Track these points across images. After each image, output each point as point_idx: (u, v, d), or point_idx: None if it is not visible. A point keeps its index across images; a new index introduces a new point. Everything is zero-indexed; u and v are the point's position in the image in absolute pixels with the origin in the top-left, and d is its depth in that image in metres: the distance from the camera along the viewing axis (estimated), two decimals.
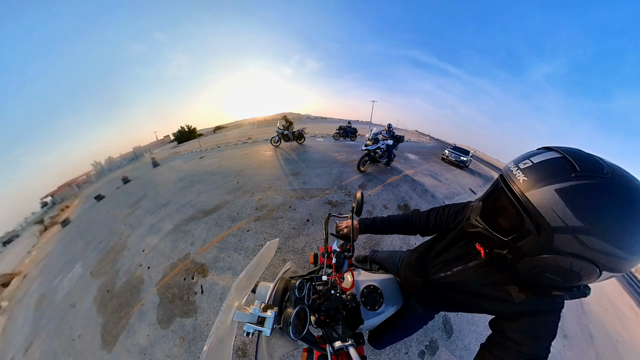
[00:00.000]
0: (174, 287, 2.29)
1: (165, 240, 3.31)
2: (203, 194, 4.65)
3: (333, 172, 4.97)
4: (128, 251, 3.75)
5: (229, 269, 2.15)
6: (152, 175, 11.75)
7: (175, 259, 2.73)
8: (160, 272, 2.66)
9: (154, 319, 2.12)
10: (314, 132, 14.99)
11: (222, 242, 2.59)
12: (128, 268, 3.24)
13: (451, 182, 7.09)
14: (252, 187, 4.21)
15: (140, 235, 4.07)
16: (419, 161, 9.29)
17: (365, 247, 2.47)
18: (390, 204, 3.76)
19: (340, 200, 3.47)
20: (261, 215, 3.01)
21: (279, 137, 8.72)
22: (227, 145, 13.78)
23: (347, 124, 12.24)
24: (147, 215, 4.97)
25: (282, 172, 5.07)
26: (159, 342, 1.90)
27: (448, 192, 5.80)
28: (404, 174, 6.16)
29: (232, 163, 7.06)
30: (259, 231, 2.64)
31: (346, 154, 7.52)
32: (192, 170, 8.09)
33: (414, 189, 4.96)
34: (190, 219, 3.58)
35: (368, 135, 5.50)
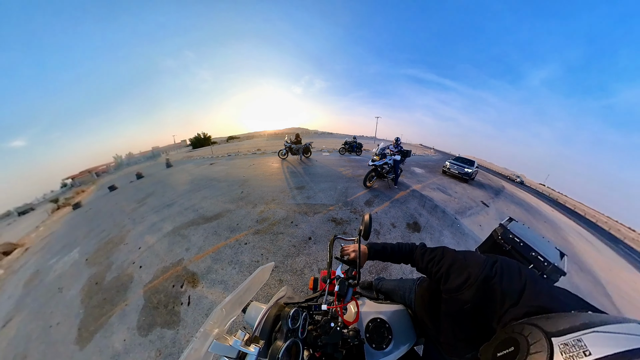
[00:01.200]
0: (161, 293, 2.27)
1: (162, 242, 3.36)
2: (207, 199, 4.78)
3: (338, 188, 4.94)
4: (125, 246, 3.81)
5: (220, 282, 2.12)
6: (164, 175, 12.31)
7: (169, 262, 2.74)
8: (151, 274, 2.66)
9: (135, 323, 2.07)
10: (320, 147, 15.38)
11: (217, 253, 2.59)
12: (121, 263, 3.26)
13: (461, 196, 6.74)
14: (256, 198, 4.28)
15: (140, 231, 4.16)
16: (426, 175, 9.01)
17: (372, 272, 2.26)
18: (398, 222, 3.52)
19: (345, 218, 3.35)
20: (261, 229, 2.98)
21: (286, 150, 9.04)
22: (237, 154, 14.46)
23: (353, 139, 12.45)
24: (151, 213, 5.11)
25: (286, 185, 5.14)
26: (134, 350, 1.83)
27: (459, 206, 5.40)
28: (412, 188, 5.99)
29: (239, 172, 7.34)
30: (257, 246, 2.60)
31: (352, 168, 7.57)
32: (201, 175, 8.44)
33: (423, 205, 4.73)
34: (191, 224, 3.66)
35: (375, 150, 5.31)
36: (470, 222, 4.51)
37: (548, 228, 7.37)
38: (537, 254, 0.95)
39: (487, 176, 19.02)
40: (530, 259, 0.95)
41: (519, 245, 1.02)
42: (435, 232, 3.49)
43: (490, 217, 5.46)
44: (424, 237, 3.25)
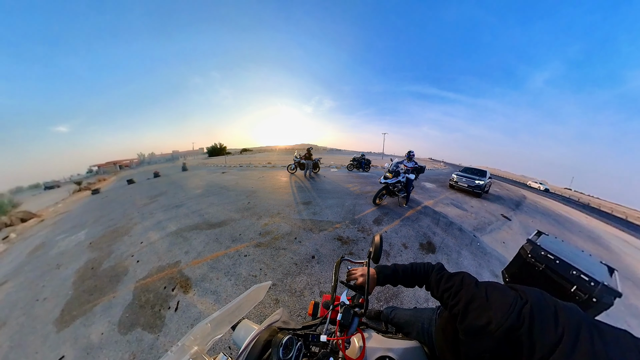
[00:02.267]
0: (151, 292, 2.28)
1: (164, 241, 3.47)
2: (214, 206, 4.97)
3: (346, 204, 4.78)
4: (129, 238, 3.94)
5: (213, 293, 2.10)
6: (178, 177, 13.12)
7: (165, 262, 2.79)
8: (146, 271, 2.70)
9: (117, 318, 2.05)
10: (328, 163, 15.64)
11: (215, 261, 2.61)
12: (120, 254, 3.34)
13: (478, 210, 6.21)
14: (261, 210, 4.34)
15: (145, 227, 4.32)
16: (437, 189, 8.45)
17: (379, 299, 2.01)
18: (410, 242, 3.24)
19: (352, 237, 3.18)
20: (263, 242, 2.93)
21: (295, 165, 9.38)
22: (249, 166, 15.30)
23: (361, 156, 12.62)
24: (159, 210, 5.36)
25: (293, 199, 5.17)
26: (109, 347, 1.79)
27: (477, 222, 4.93)
28: (423, 205, 5.61)
29: (248, 183, 7.64)
30: (257, 259, 2.56)
31: (360, 185, 7.48)
32: (212, 182, 8.90)
33: (437, 222, 4.37)
34: (194, 227, 3.78)
35: (387, 166, 5.01)
36: (491, 240, 4.06)
37: (585, 239, 6.32)
38: (578, 272, 0.78)
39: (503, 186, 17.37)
40: (571, 279, 0.78)
41: (555, 263, 0.85)
42: (453, 253, 3.16)
43: (514, 232, 4.90)
44: (440, 258, 2.97)
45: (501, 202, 8.47)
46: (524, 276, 0.94)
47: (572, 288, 0.76)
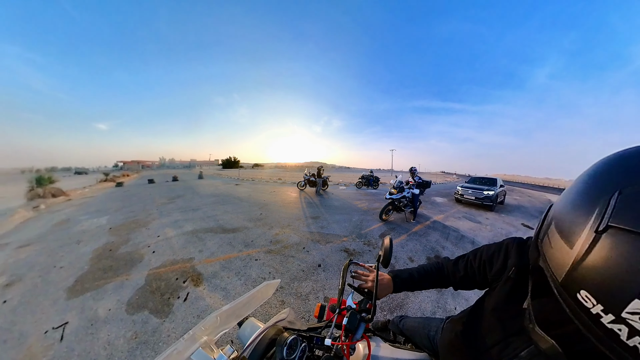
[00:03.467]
0: (163, 281, 2.37)
1: (180, 238, 3.66)
2: (228, 213, 5.21)
3: (353, 220, 4.83)
4: (146, 230, 4.18)
5: (222, 289, 2.15)
6: (195, 183, 13.98)
7: (180, 257, 2.93)
8: (160, 262, 2.84)
9: (127, 298, 2.13)
10: (337, 181, 15.58)
11: (227, 262, 2.70)
12: (138, 242, 3.54)
13: (494, 222, 5.68)
14: (272, 221, 4.50)
15: (163, 223, 4.59)
16: (449, 204, 7.80)
17: (384, 309, 2.00)
18: (417, 255, 3.18)
19: (358, 250, 3.21)
20: (273, 249, 3.06)
21: (305, 182, 9.70)
22: (260, 180, 15.90)
23: (370, 173, 12.52)
24: (176, 211, 5.70)
25: (302, 213, 5.28)
26: (113, 323, 1.84)
27: (493, 234, 4.59)
28: (433, 219, 5.39)
29: (261, 196, 7.94)
30: (267, 264, 2.65)
31: (368, 202, 7.35)
32: (226, 192, 9.38)
33: (447, 237, 4.15)
34: (209, 230, 3.97)
35: (392, 182, 5.15)
36: None
37: None
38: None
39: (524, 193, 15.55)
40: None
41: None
42: None
43: None
44: None
45: (522, 211, 7.70)
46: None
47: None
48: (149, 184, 14.68)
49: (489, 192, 7.09)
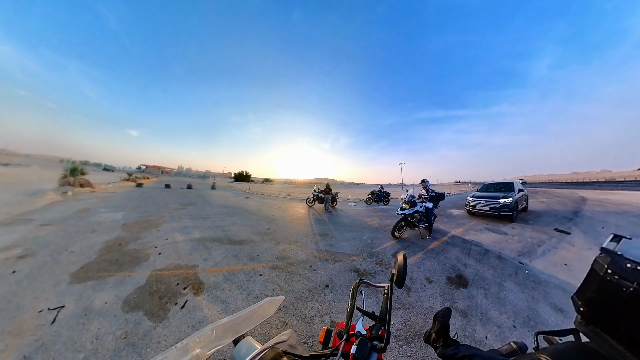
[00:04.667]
0: (164, 284, 2.29)
1: (187, 243, 3.65)
2: (236, 225, 5.17)
3: (363, 238, 4.47)
4: (157, 231, 4.24)
5: (222, 302, 2.01)
6: (207, 193, 14.43)
7: (184, 262, 2.87)
8: (164, 264, 2.79)
9: (125, 295, 2.05)
10: (346, 197, 14.78)
11: (231, 274, 2.58)
12: (146, 242, 3.56)
13: (522, 230, 5.09)
14: (280, 237, 4.35)
15: (172, 227, 4.66)
16: (467, 215, 6.83)
17: (399, 337, 1.68)
18: (435, 276, 2.79)
19: (369, 270, 2.89)
20: (279, 266, 2.91)
21: (314, 198, 9.52)
22: (270, 195, 15.87)
23: (379, 189, 11.90)
24: (187, 217, 5.80)
25: (310, 230, 5.05)
26: (106, 317, 1.75)
27: (522, 245, 4.04)
28: (450, 234, 4.89)
29: (269, 211, 7.84)
30: (271, 280, 2.50)
31: (379, 218, 6.79)
32: (236, 204, 9.46)
33: (468, 252, 3.69)
34: (216, 240, 3.93)
35: (403, 197, 4.80)
36: (546, 264, 3.24)
37: None
38: None
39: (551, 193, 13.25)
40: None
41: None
42: (492, 286, 2.54)
43: (579, 248, 3.91)
44: (474, 293, 2.31)
45: (552, 214, 6.71)
46: (607, 302, 0.65)
47: None
48: (165, 189, 15.43)
49: (505, 199, 6.01)
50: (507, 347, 0.78)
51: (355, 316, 0.67)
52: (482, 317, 1.97)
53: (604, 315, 0.68)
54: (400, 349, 1.61)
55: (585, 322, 0.71)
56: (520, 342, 0.79)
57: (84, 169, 12.66)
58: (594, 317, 0.70)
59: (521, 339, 1.53)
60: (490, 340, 1.69)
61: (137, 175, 26.98)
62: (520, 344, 0.78)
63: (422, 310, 2.03)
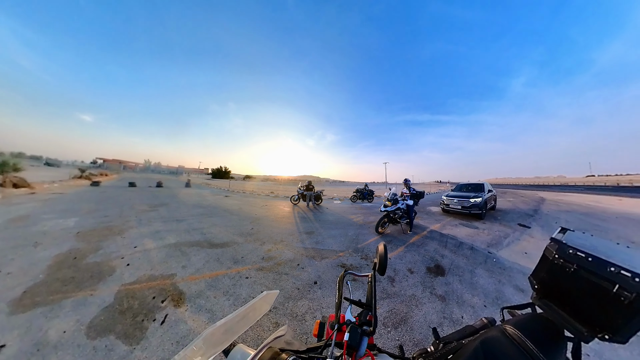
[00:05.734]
0: (137, 299, 2.07)
1: (161, 251, 3.32)
2: (217, 227, 4.89)
3: (349, 234, 4.66)
4: (122, 239, 3.77)
5: (208, 311, 1.89)
6: (181, 192, 13.28)
7: (159, 272, 2.61)
8: (135, 276, 2.51)
9: (89, 319, 1.80)
10: (331, 195, 15.08)
11: (214, 280, 2.44)
12: (110, 253, 3.15)
13: (491, 225, 5.78)
14: (264, 237, 4.26)
15: (141, 233, 4.19)
16: (444, 212, 7.61)
17: (387, 324, 1.85)
18: (416, 267, 3.09)
19: (355, 264, 3.07)
20: (265, 267, 2.85)
21: (299, 196, 9.51)
22: (252, 193, 15.32)
23: (364, 187, 12.38)
24: (158, 220, 5.27)
25: (296, 229, 5.06)
26: (67, 349, 1.51)
27: (491, 238, 4.65)
28: (429, 229, 5.34)
29: (252, 210, 7.58)
30: (258, 282, 2.43)
31: (363, 215, 7.12)
32: (215, 203, 8.93)
33: (445, 245, 4.13)
34: (195, 244, 3.66)
35: (386, 195, 5.16)
36: (510, 253, 3.77)
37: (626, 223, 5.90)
38: (617, 269, 0.66)
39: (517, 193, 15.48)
40: (610, 278, 0.67)
41: (587, 261, 0.73)
42: (465, 273, 2.90)
43: (536, 239, 4.57)
44: (450, 280, 2.64)
45: (516, 212, 7.82)
46: (555, 280, 0.82)
47: (614, 288, 0.67)
48: (129, 187, 13.71)
49: (476, 199, 6.56)
50: (480, 323, 0.92)
51: (344, 306, 0.72)
52: (458, 300, 2.23)
53: (553, 291, 0.86)
54: (389, 334, 1.76)
55: (539, 296, 0.90)
56: (490, 318, 0.93)
57: (18, 163, 10.41)
58: (546, 292, 0.89)
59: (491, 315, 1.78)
60: (465, 319, 1.94)
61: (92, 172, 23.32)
62: (490, 319, 0.93)
63: (405, 299, 2.22)
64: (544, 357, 0.61)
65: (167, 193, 12.10)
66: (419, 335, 1.74)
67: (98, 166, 36.15)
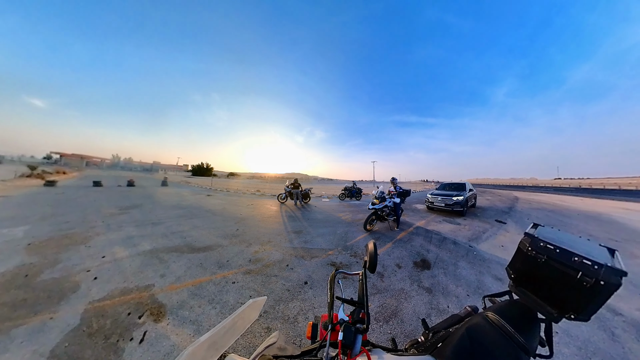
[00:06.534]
0: (109, 318, 1.86)
1: (134, 259, 3.03)
2: (198, 229, 4.62)
3: (338, 232, 4.71)
4: (86, 248, 3.37)
5: (192, 322, 1.76)
6: (157, 191, 12.31)
7: (134, 284, 2.38)
8: (105, 291, 2.25)
9: (49, 348, 1.57)
10: (320, 193, 15.23)
11: (198, 287, 2.28)
12: (71, 266, 2.78)
13: (472, 221, 6.27)
14: (251, 238, 4.12)
15: (111, 240, 3.79)
16: (429, 210, 8.17)
17: (378, 319, 1.90)
18: (404, 261, 3.23)
19: (345, 262, 3.11)
20: (253, 269, 2.75)
21: (286, 194, 9.35)
22: (236, 191, 14.73)
23: (352, 185, 12.72)
24: (131, 224, 4.82)
25: (284, 228, 4.99)
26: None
27: (471, 233, 5.02)
28: (415, 226, 5.60)
29: (237, 210, 7.30)
30: (246, 286, 2.33)
31: (351, 213, 7.28)
32: (196, 203, 8.43)
33: (430, 240, 4.39)
34: (174, 250, 3.40)
35: (374, 193, 5.30)
36: (489, 246, 4.09)
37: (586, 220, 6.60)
38: (580, 258, 0.79)
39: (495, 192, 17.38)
40: (574, 266, 0.79)
41: (555, 252, 0.86)
42: (449, 266, 3.12)
43: (512, 234, 4.97)
44: (436, 273, 2.85)
45: (494, 209, 8.67)
46: (529, 270, 0.95)
47: (578, 275, 0.77)
48: (94, 187, 12.28)
49: (458, 197, 7.09)
50: (464, 311, 1.01)
51: (336, 305, 0.71)
52: (443, 291, 2.37)
53: (527, 279, 0.96)
54: (381, 328, 1.82)
55: (515, 285, 1.01)
56: (474, 306, 1.04)
57: None
58: (521, 280, 0.99)
59: (474, 303, 1.95)
60: (451, 308, 2.08)
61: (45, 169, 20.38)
62: (473, 307, 1.03)
63: (394, 293, 2.30)
64: (522, 338, 0.69)
65: (141, 193, 11.10)
66: (410, 327, 1.82)
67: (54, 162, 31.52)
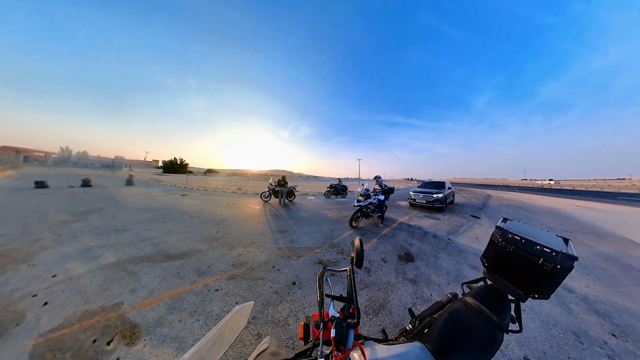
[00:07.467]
0: (69, 350, 1.61)
1: (96, 275, 2.66)
2: (173, 234, 4.26)
3: (324, 230, 4.77)
4: (29, 267, 2.86)
5: (173, 340, 1.61)
6: (120, 192, 11.00)
7: (98, 305, 2.09)
8: (60, 318, 1.94)
9: None
10: (305, 191, 15.32)
11: (176, 300, 2.10)
12: (11, 291, 2.34)
13: (450, 216, 6.77)
14: (233, 240, 3.95)
15: (62, 253, 3.27)
16: (411, 206, 8.82)
17: (368, 312, 1.97)
18: (389, 256, 3.42)
19: (332, 259, 3.19)
20: (237, 274, 2.63)
21: (270, 192, 9.06)
22: (215, 190, 13.92)
23: (338, 182, 13.06)
24: (89, 233, 4.23)
25: (268, 228, 4.90)
26: None
27: (450, 227, 5.46)
28: (399, 222, 5.93)
29: (216, 210, 6.94)
30: (231, 293, 2.22)
31: (337, 211, 7.49)
32: (169, 204, 7.79)
33: (412, 235, 4.67)
34: (145, 259, 3.08)
35: (359, 190, 5.48)
36: (465, 239, 4.47)
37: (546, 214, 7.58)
38: (541, 247, 0.92)
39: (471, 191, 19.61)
40: (536, 254, 0.92)
41: (521, 242, 0.98)
42: (430, 258, 3.39)
43: (485, 227, 5.50)
44: (418, 265, 3.11)
45: (470, 205, 9.72)
46: (499, 258, 1.08)
47: (539, 261, 0.90)
48: (36, 189, 10.37)
49: (438, 195, 7.75)
50: (446, 298, 1.12)
51: (326, 303, 0.72)
52: (426, 281, 2.57)
53: (498, 266, 1.08)
54: (371, 320, 1.91)
55: (489, 271, 1.13)
56: (454, 292, 1.15)
57: None
58: (493, 268, 1.10)
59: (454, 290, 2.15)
60: (434, 296, 2.27)
61: None
62: (453, 293, 1.14)
63: (382, 286, 2.43)
64: (497, 317, 0.81)
65: (100, 195, 9.74)
66: (398, 317, 1.94)
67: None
